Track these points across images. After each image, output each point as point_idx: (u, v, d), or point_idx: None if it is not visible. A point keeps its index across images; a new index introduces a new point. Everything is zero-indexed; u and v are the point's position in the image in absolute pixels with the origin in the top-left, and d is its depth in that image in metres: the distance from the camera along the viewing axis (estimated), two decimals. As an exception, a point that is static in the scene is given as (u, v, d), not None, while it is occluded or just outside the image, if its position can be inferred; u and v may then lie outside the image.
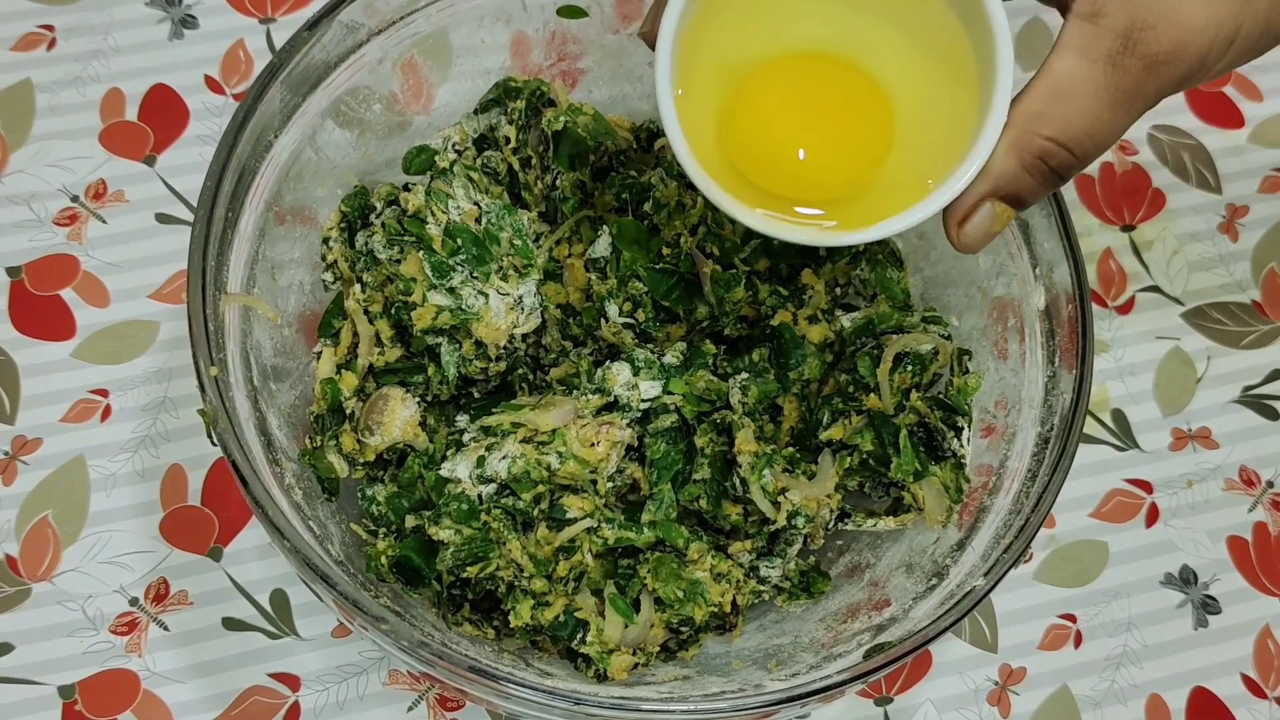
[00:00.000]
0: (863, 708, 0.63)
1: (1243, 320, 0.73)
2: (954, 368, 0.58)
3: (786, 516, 0.56)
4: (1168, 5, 0.43)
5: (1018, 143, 0.44)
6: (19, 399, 0.65)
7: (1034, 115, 0.44)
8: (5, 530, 0.63)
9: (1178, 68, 0.43)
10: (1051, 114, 0.44)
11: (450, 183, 0.57)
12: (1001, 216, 0.46)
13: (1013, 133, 0.44)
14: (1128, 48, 0.43)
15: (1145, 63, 0.43)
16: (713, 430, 0.57)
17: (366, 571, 0.55)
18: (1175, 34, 0.43)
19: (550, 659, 0.57)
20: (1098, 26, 0.43)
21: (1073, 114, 0.44)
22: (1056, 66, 0.44)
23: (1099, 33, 0.43)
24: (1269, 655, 0.66)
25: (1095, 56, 0.43)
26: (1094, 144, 0.44)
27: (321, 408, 0.57)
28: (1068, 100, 0.44)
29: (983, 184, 0.45)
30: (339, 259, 0.60)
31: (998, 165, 0.45)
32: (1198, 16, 0.43)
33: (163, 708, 0.60)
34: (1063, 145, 0.44)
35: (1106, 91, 0.43)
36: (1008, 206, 0.46)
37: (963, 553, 0.53)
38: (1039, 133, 0.44)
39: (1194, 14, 0.43)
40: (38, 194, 0.70)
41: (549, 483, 0.54)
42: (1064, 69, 0.44)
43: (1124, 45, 0.43)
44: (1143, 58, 0.43)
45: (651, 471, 0.56)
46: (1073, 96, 0.44)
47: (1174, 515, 0.68)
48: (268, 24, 0.75)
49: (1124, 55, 0.43)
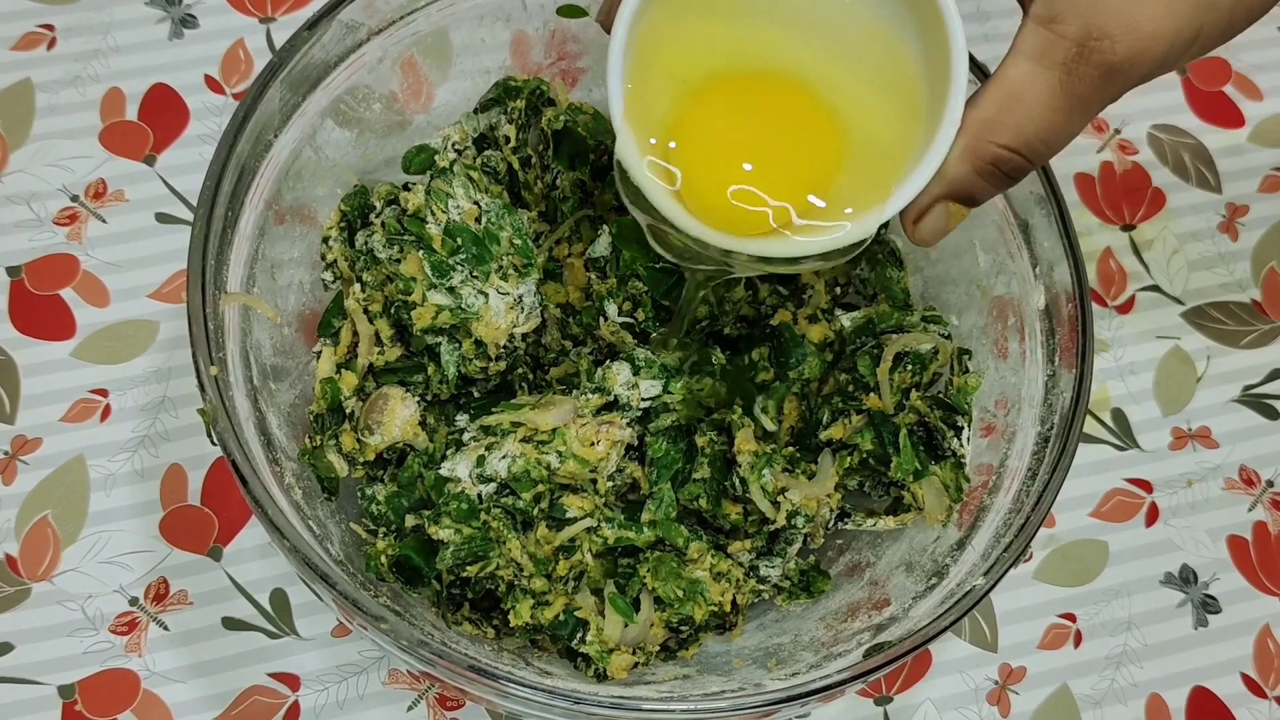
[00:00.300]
0: (863, 707, 0.63)
1: (1243, 320, 0.73)
2: (954, 367, 0.58)
3: (786, 516, 0.56)
4: (1125, 12, 0.42)
5: (972, 149, 0.44)
6: (19, 399, 0.65)
7: (987, 122, 0.44)
8: (5, 530, 0.63)
9: (1135, 73, 0.43)
10: (1005, 121, 0.44)
11: (450, 182, 0.57)
12: (956, 215, 0.46)
13: (966, 139, 0.44)
14: (1083, 55, 0.42)
15: (1101, 71, 0.42)
16: (712, 430, 0.57)
17: (366, 571, 0.55)
18: (1133, 41, 0.42)
19: (550, 658, 0.57)
20: (1053, 33, 0.42)
21: (1026, 121, 0.43)
22: (1011, 72, 0.43)
23: (1054, 39, 0.42)
24: (1269, 655, 0.66)
25: (1050, 64, 0.43)
26: (1047, 149, 0.45)
27: (321, 407, 0.57)
28: (1021, 106, 0.43)
29: (937, 187, 0.45)
30: (339, 258, 0.60)
31: (952, 170, 0.45)
32: (1156, 23, 0.42)
33: (163, 707, 0.60)
34: (1016, 151, 0.44)
35: (1061, 99, 0.43)
36: (961, 206, 0.46)
37: (963, 552, 0.53)
38: (993, 140, 0.44)
39: (1152, 20, 0.42)
40: (38, 194, 0.70)
41: (549, 482, 0.54)
42: (1018, 75, 0.43)
43: (1080, 53, 0.42)
44: (1098, 66, 0.42)
45: (651, 470, 0.56)
46: (1026, 103, 0.43)
47: (1174, 515, 0.68)
48: (268, 23, 0.75)
49: (1079, 63, 0.42)
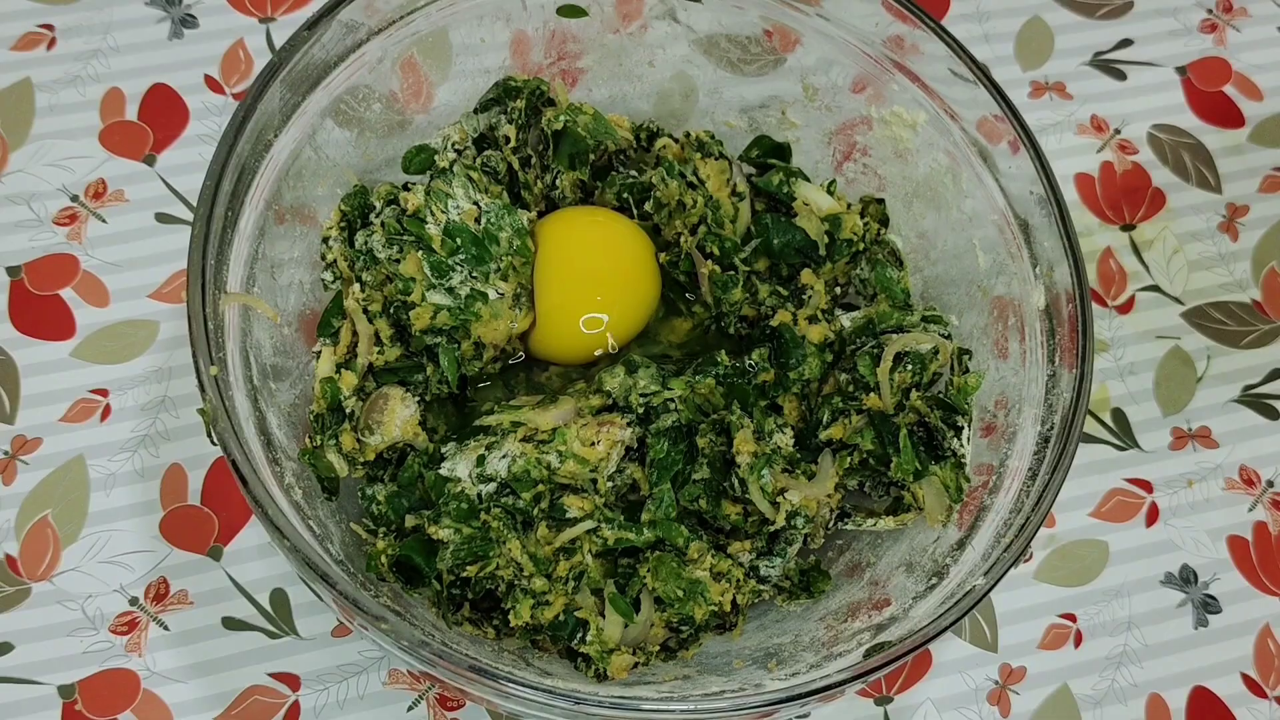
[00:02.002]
0: (863, 707, 0.63)
1: (1243, 320, 0.73)
2: (954, 367, 0.58)
3: (786, 516, 0.56)
4: None
5: None
6: (19, 398, 0.65)
7: None
8: (5, 530, 0.63)
9: None
10: None
11: (450, 182, 0.57)
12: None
13: None
14: None
15: None
16: (712, 430, 0.57)
17: (366, 571, 0.55)
18: None
19: (550, 658, 0.56)
20: None
21: None
22: None
23: None
24: (1269, 654, 0.66)
25: None
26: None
27: (321, 407, 0.57)
28: None
29: None
30: (338, 258, 0.60)
31: None
32: None
33: (163, 707, 0.60)
34: None
35: None
36: None
37: (963, 552, 0.53)
38: None
39: None
40: (38, 194, 0.70)
41: (549, 482, 0.54)
42: None
43: None
44: None
45: (652, 471, 0.56)
46: None
47: (1174, 515, 0.68)
48: (268, 23, 0.75)
49: None
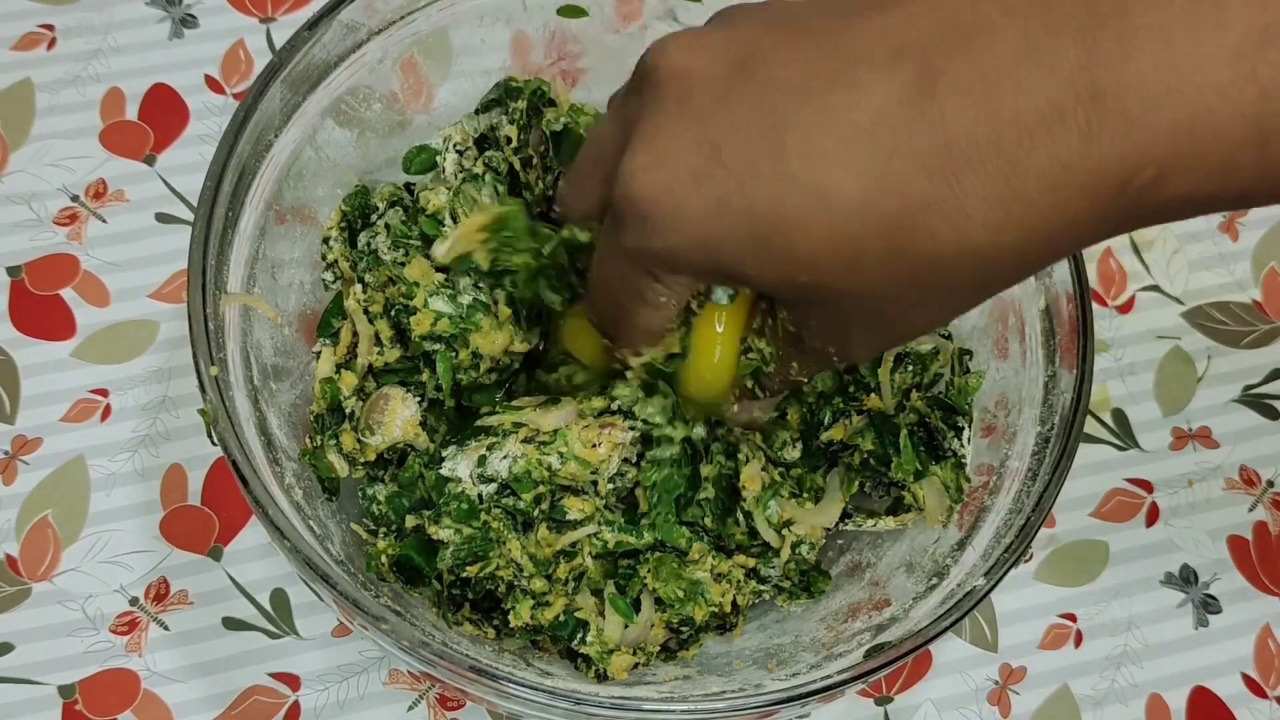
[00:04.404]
0: (863, 707, 0.63)
1: (1243, 320, 0.73)
2: (954, 367, 0.58)
3: (791, 546, 0.56)
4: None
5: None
6: (19, 399, 0.65)
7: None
8: (5, 530, 0.63)
9: (659, 243, 0.43)
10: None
11: (479, 189, 0.57)
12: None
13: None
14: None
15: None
16: (721, 454, 0.56)
17: (367, 571, 0.55)
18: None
19: (550, 659, 0.56)
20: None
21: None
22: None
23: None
24: (1269, 655, 0.66)
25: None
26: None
27: (321, 407, 0.57)
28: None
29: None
30: (339, 258, 0.60)
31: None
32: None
33: (163, 707, 0.60)
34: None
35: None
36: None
37: (963, 552, 0.53)
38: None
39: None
40: (38, 194, 0.70)
41: (550, 483, 0.54)
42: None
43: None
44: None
45: (652, 494, 0.55)
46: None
47: (1174, 515, 0.68)
48: (268, 23, 0.75)
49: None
